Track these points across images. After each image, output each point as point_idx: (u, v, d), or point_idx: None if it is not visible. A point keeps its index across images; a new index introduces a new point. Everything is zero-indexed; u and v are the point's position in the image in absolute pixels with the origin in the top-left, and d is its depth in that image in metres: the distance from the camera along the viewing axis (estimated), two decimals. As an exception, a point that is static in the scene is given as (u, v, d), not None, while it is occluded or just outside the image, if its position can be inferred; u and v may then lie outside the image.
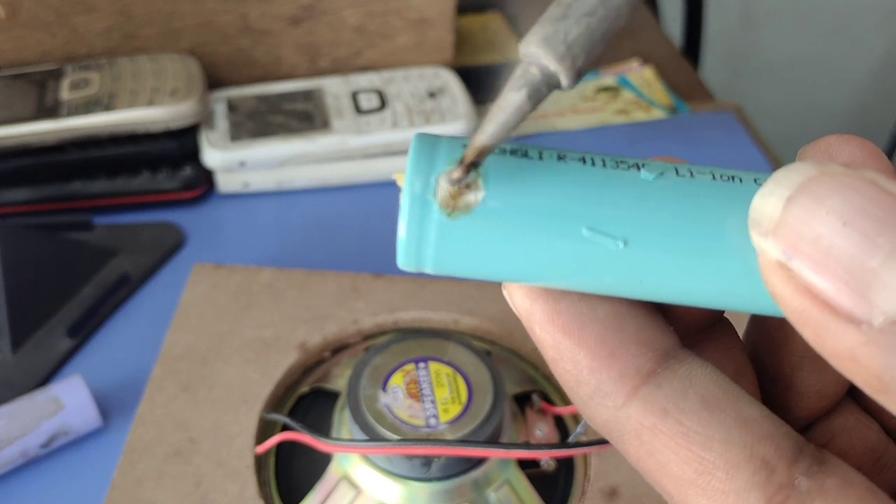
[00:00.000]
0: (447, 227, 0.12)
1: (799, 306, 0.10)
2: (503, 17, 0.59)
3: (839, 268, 0.10)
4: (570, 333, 0.13)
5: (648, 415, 0.12)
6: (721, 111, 0.55)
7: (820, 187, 0.10)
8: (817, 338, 0.10)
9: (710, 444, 0.12)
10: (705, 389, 0.12)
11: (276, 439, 0.31)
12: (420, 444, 0.29)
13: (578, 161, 0.13)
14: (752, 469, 0.11)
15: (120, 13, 0.47)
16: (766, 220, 0.11)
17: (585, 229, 0.12)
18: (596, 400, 0.13)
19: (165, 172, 0.46)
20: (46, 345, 0.38)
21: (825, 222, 0.10)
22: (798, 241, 0.10)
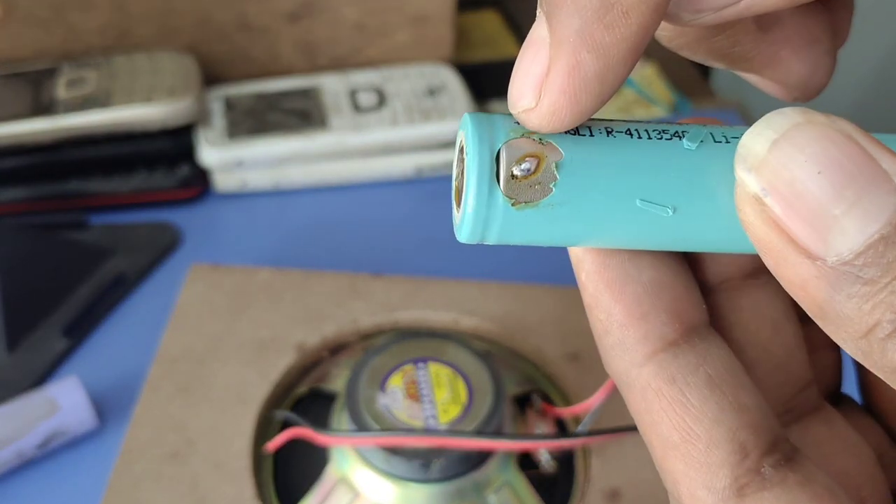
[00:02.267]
0: (512, 213, 0.13)
1: (765, 237, 0.12)
2: (501, 13, 0.59)
3: (807, 210, 0.11)
4: (612, 287, 0.14)
5: (657, 378, 0.14)
6: (723, 109, 0.55)
7: (803, 135, 0.12)
8: (776, 265, 0.12)
9: (701, 419, 0.13)
10: (714, 370, 0.14)
11: (286, 436, 0.31)
12: (431, 435, 0.29)
13: (625, 135, 0.14)
14: (730, 450, 0.13)
15: (117, 10, 0.47)
16: (752, 157, 0.12)
17: (639, 201, 0.13)
18: (617, 351, 0.14)
19: (162, 171, 0.45)
20: (42, 345, 0.38)
21: (803, 168, 0.11)
22: (776, 180, 0.12)
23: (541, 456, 0.32)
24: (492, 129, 0.13)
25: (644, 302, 0.14)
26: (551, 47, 0.13)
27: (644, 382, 0.14)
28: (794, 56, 0.17)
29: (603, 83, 0.13)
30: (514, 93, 0.13)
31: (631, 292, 0.14)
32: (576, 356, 0.36)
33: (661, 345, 0.14)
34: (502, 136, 0.13)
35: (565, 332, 0.37)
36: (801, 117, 0.12)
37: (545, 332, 0.37)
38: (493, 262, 0.43)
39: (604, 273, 0.14)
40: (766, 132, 0.12)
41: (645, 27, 0.13)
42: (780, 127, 0.12)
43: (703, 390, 0.13)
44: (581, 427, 0.30)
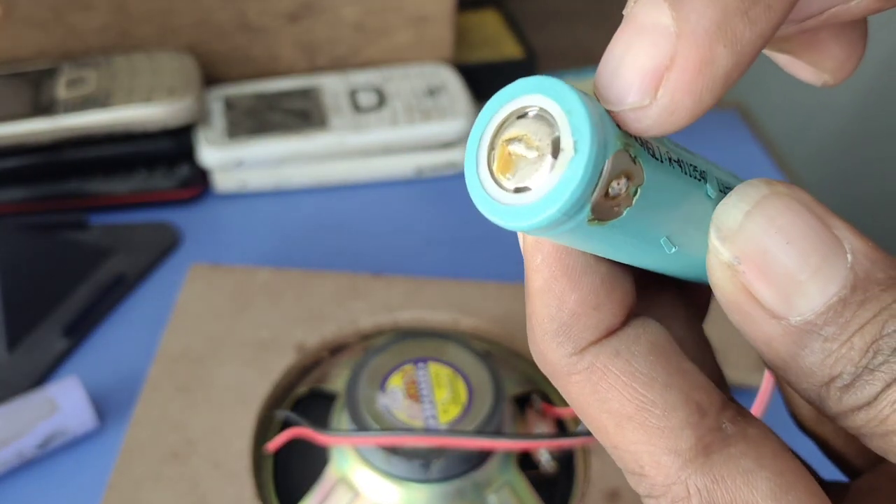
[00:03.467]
0: (581, 226, 0.12)
1: (734, 298, 0.13)
2: (501, 13, 0.59)
3: (775, 277, 0.12)
4: (570, 276, 0.14)
5: (600, 355, 0.14)
6: (723, 109, 0.55)
7: (772, 207, 0.13)
8: (743, 323, 0.13)
9: (653, 385, 0.13)
10: (654, 339, 0.14)
11: (286, 435, 0.31)
12: (430, 435, 0.29)
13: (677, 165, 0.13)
14: (688, 411, 0.13)
15: (116, 11, 0.47)
16: (726, 229, 0.13)
17: (664, 238, 0.13)
18: (560, 339, 0.14)
19: (162, 171, 0.45)
20: (42, 345, 0.38)
21: (773, 239, 0.12)
22: (749, 250, 0.13)
23: (541, 456, 0.32)
24: (605, 131, 0.11)
25: (600, 293, 0.14)
26: (680, 38, 0.11)
27: (587, 363, 0.14)
28: (834, 39, 0.17)
29: (727, 83, 0.12)
30: (620, 86, 0.12)
31: (588, 283, 0.14)
32: (576, 356, 0.36)
33: (605, 333, 0.14)
34: (612, 144, 0.11)
35: (565, 332, 0.37)
36: (767, 189, 0.13)
37: (545, 332, 0.37)
38: (492, 262, 0.43)
39: (564, 260, 0.14)
40: (739, 204, 0.13)
41: (779, 24, 0.12)
42: (751, 199, 0.13)
43: (647, 357, 0.13)
44: (581, 427, 0.30)
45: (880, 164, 0.89)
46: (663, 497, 0.13)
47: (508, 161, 0.12)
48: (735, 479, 0.13)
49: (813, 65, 0.17)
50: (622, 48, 0.12)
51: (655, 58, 0.11)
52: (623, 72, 0.12)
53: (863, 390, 0.12)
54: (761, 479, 0.13)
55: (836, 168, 0.89)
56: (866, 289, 0.12)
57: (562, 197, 0.11)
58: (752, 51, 0.12)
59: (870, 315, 0.12)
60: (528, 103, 0.12)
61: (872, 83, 0.86)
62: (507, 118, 0.12)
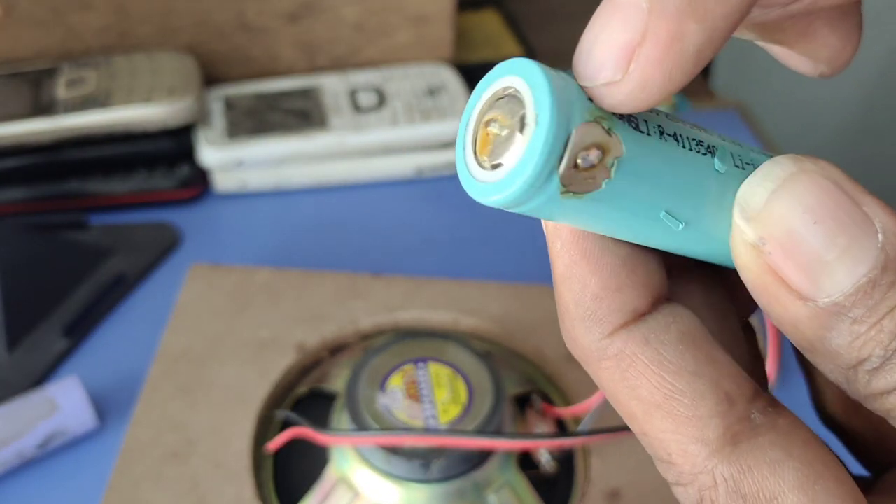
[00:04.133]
0: (556, 198, 0.12)
1: (760, 280, 0.13)
2: (501, 13, 0.59)
3: (803, 257, 0.12)
4: (589, 259, 0.14)
5: (630, 342, 0.13)
6: (724, 109, 0.55)
7: (799, 186, 0.12)
8: (769, 305, 0.13)
9: (681, 374, 0.13)
10: (685, 327, 0.14)
11: (287, 435, 0.31)
12: (431, 435, 0.29)
13: (673, 139, 0.13)
14: (716, 400, 0.13)
15: (116, 11, 0.47)
16: (751, 208, 0.13)
17: (663, 213, 0.13)
18: (588, 323, 0.14)
19: (162, 171, 0.45)
20: (42, 345, 0.38)
21: (800, 218, 0.12)
22: (774, 230, 0.12)
23: (541, 456, 0.32)
24: (569, 104, 0.12)
25: (621, 275, 0.14)
26: (651, 13, 0.11)
27: (617, 349, 0.14)
28: (828, 28, 0.17)
29: (699, 59, 0.12)
30: (594, 63, 0.12)
31: (608, 264, 0.14)
32: (576, 356, 0.36)
33: (633, 316, 0.14)
34: (578, 117, 0.12)
35: (565, 332, 0.37)
36: (795, 166, 0.13)
37: (545, 332, 0.37)
38: (492, 262, 0.43)
39: (581, 244, 0.14)
40: (764, 183, 0.13)
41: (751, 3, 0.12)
42: (776, 177, 0.13)
43: (677, 346, 0.13)
44: (581, 427, 0.30)
45: (881, 164, 0.89)
46: (690, 485, 0.13)
47: (487, 141, 0.12)
48: (762, 468, 0.13)
49: (808, 55, 0.17)
50: (598, 26, 0.12)
51: (627, 34, 0.12)
52: (597, 48, 0.12)
53: (893, 374, 0.12)
54: (789, 468, 0.13)
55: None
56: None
57: (525, 168, 0.12)
58: (724, 27, 0.12)
59: None
60: (504, 85, 0.12)
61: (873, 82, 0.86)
62: (488, 102, 0.12)
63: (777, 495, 0.12)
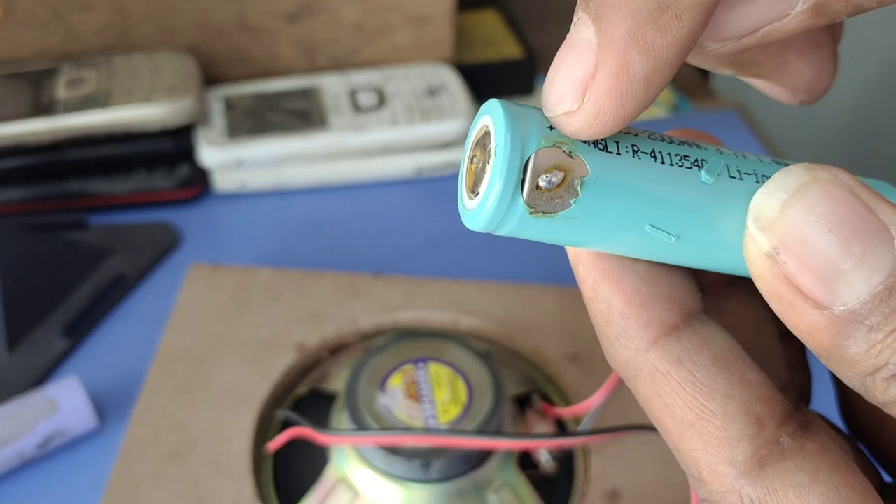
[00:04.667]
0: (528, 219, 0.13)
1: (776, 289, 0.13)
2: (501, 13, 0.59)
3: (818, 266, 0.12)
4: (609, 279, 0.14)
5: (664, 362, 0.14)
6: (724, 109, 0.55)
7: (812, 195, 0.12)
8: (785, 313, 0.13)
9: (714, 396, 0.14)
10: (718, 350, 0.14)
11: (287, 435, 0.31)
12: (431, 435, 0.29)
13: (650, 157, 0.14)
14: (746, 423, 0.13)
15: (116, 11, 0.47)
16: (764, 218, 0.13)
17: (648, 226, 0.14)
18: (621, 341, 0.14)
19: (162, 171, 0.45)
20: (42, 345, 0.38)
21: (814, 228, 0.12)
22: (789, 240, 0.12)
23: (541, 456, 0.32)
24: (525, 132, 0.13)
25: (642, 290, 0.14)
26: (599, 48, 0.12)
27: (651, 367, 0.14)
28: (802, 60, 0.17)
29: (648, 87, 0.13)
30: (554, 95, 0.13)
31: (629, 282, 0.14)
32: (576, 356, 0.36)
33: (663, 330, 0.14)
34: (534, 143, 0.13)
35: (565, 332, 0.37)
36: (808, 175, 0.13)
37: (545, 332, 0.37)
38: (492, 262, 0.43)
39: (600, 265, 0.15)
40: (777, 192, 0.13)
41: (694, 33, 0.13)
42: (789, 187, 0.13)
43: (710, 368, 0.14)
44: (581, 427, 0.30)
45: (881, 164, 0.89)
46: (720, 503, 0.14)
47: (471, 174, 0.14)
48: (787, 492, 0.13)
49: (785, 87, 0.17)
50: (557, 62, 0.13)
51: (581, 68, 0.13)
52: (556, 82, 0.13)
53: None
54: (814, 493, 0.13)
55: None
56: None
57: (490, 192, 0.13)
58: (668, 58, 0.13)
59: None
60: (482, 124, 0.14)
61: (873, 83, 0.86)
62: (473, 140, 0.14)
63: None
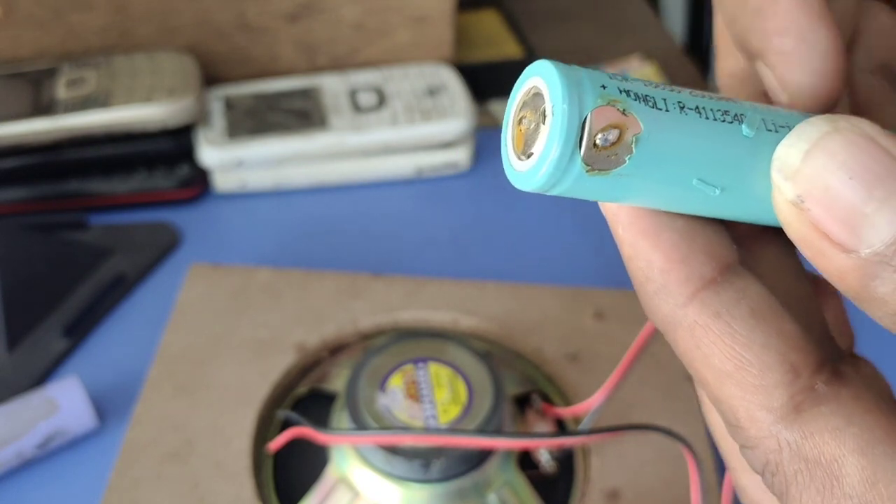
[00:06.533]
0: (583, 177, 0.13)
1: (803, 235, 0.13)
2: (501, 13, 0.59)
3: (841, 212, 0.13)
4: (648, 236, 0.15)
5: (703, 315, 0.14)
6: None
7: (833, 144, 0.13)
8: (815, 258, 0.13)
9: (751, 346, 0.14)
10: (755, 302, 0.15)
11: (288, 435, 0.31)
12: (431, 434, 0.29)
13: (695, 112, 0.14)
14: (783, 371, 0.14)
15: (117, 11, 0.47)
16: (788, 168, 0.13)
17: (695, 180, 0.14)
18: (661, 296, 0.15)
19: (162, 171, 0.45)
20: (42, 345, 0.38)
21: (835, 175, 0.13)
22: (812, 188, 0.13)
23: (541, 456, 0.32)
24: (581, 92, 0.13)
25: (681, 246, 0.15)
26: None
27: (691, 320, 0.15)
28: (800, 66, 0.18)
29: None
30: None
31: (667, 238, 0.15)
32: (576, 356, 0.36)
33: (702, 283, 0.15)
34: (590, 102, 0.13)
35: (565, 332, 0.37)
36: (829, 125, 0.13)
37: (545, 332, 0.37)
38: (492, 262, 0.43)
39: (639, 223, 0.15)
40: (798, 143, 0.13)
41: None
42: (810, 138, 0.13)
43: (748, 320, 0.14)
44: (581, 427, 0.30)
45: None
46: (757, 448, 0.14)
47: (520, 136, 0.14)
48: (823, 434, 0.14)
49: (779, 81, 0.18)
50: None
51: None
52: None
53: None
54: (849, 435, 0.13)
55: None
56: None
57: (549, 153, 0.13)
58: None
59: None
60: (530, 86, 0.14)
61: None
62: (518, 102, 0.14)
63: (837, 458, 0.13)
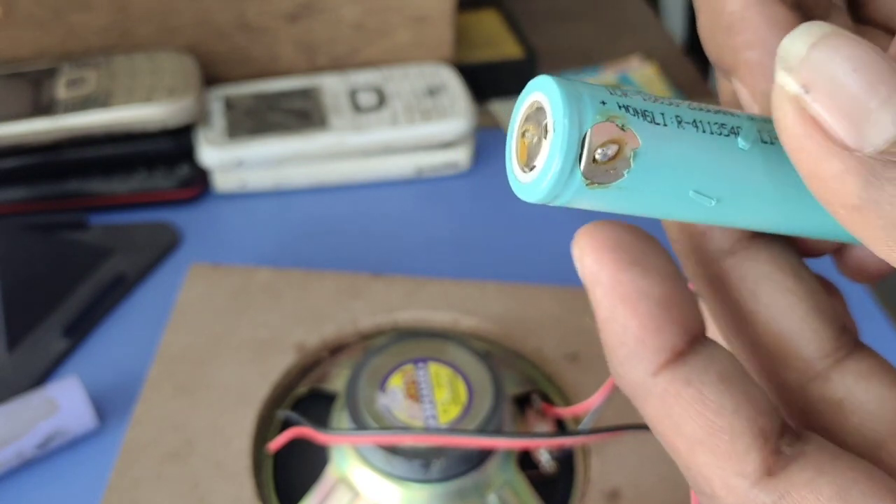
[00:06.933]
0: (583, 190, 0.14)
1: (803, 132, 0.13)
2: (501, 13, 0.59)
3: (845, 104, 0.12)
4: (627, 303, 0.15)
5: (674, 382, 0.15)
6: (722, 109, 0.55)
7: (837, 40, 0.13)
8: (812, 162, 0.13)
9: (722, 412, 0.14)
10: (723, 367, 0.15)
11: (288, 435, 0.31)
12: (431, 434, 0.29)
13: (692, 126, 0.14)
14: (752, 435, 0.14)
15: (117, 11, 0.47)
16: (793, 58, 0.13)
17: (692, 192, 0.14)
18: (632, 362, 0.15)
19: (162, 171, 0.45)
20: (42, 345, 0.38)
21: (840, 66, 0.13)
22: (816, 78, 0.13)
23: (541, 456, 0.32)
24: (581, 108, 0.14)
25: (658, 316, 0.15)
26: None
27: (662, 389, 0.15)
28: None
29: None
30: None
31: (645, 308, 0.15)
32: (575, 356, 0.36)
33: (673, 354, 0.15)
34: (590, 119, 0.13)
35: (565, 332, 0.37)
36: (831, 28, 0.13)
37: (545, 332, 0.37)
38: (492, 262, 0.43)
39: (619, 289, 0.15)
40: (803, 37, 0.13)
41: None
42: (815, 34, 0.13)
43: (717, 385, 0.14)
44: (581, 427, 0.30)
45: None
46: None
47: (524, 148, 0.15)
48: (800, 490, 0.14)
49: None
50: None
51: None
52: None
53: None
54: (823, 483, 0.14)
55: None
56: None
57: (550, 167, 0.14)
58: None
59: None
60: (533, 100, 0.14)
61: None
62: (522, 115, 0.15)
63: None
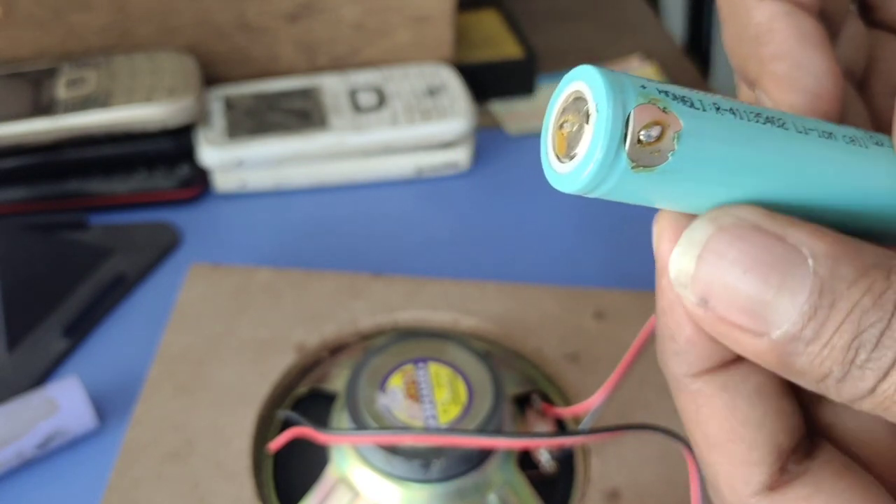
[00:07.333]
0: (629, 175, 0.14)
1: (716, 329, 0.14)
2: (501, 13, 0.59)
3: (745, 304, 0.13)
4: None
5: (710, 385, 0.15)
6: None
7: (720, 244, 0.14)
8: (734, 346, 0.14)
9: (748, 423, 0.15)
10: (761, 380, 0.15)
11: (288, 435, 0.31)
12: (431, 434, 0.29)
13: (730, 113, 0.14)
14: (767, 451, 0.15)
15: (117, 11, 0.47)
16: (684, 276, 0.14)
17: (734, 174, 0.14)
18: (677, 360, 0.16)
19: (162, 171, 0.45)
20: (42, 345, 0.38)
21: (730, 272, 0.14)
22: (711, 289, 0.14)
23: (541, 456, 0.32)
24: (623, 91, 0.14)
25: None
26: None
27: (697, 388, 0.15)
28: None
29: None
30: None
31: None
32: (575, 356, 0.36)
33: (718, 365, 0.15)
34: (633, 100, 0.13)
35: (565, 333, 0.37)
36: (712, 227, 0.14)
37: (545, 332, 0.37)
38: (492, 262, 0.43)
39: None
40: (689, 250, 0.14)
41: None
42: (698, 242, 0.14)
43: (751, 398, 0.15)
44: (581, 427, 0.30)
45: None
46: None
47: (562, 139, 0.14)
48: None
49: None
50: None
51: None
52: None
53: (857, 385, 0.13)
54: (819, 500, 0.14)
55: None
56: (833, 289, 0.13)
57: (595, 150, 0.13)
58: None
59: (843, 315, 0.13)
60: (571, 90, 0.15)
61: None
62: (559, 108, 0.15)
63: None
